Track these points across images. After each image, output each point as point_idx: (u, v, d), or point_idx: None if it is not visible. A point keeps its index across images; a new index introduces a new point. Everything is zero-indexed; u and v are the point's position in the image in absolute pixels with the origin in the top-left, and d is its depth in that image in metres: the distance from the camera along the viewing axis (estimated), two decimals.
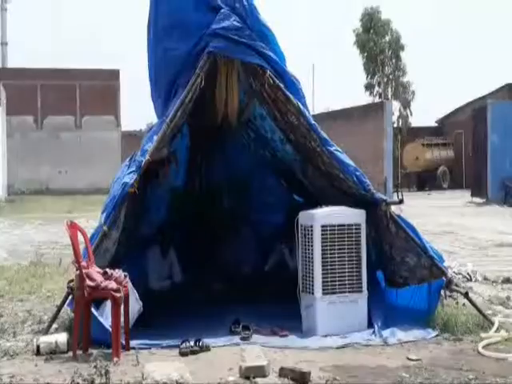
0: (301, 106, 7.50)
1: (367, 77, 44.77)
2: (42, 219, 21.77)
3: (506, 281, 9.94)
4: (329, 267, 7.15)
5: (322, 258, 7.14)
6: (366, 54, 44.15)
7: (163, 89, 7.73)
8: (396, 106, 42.10)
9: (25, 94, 41.03)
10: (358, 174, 7.52)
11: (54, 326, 7.00)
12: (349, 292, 7.22)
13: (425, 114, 63.77)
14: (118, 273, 6.69)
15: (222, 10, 7.32)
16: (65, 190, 38.07)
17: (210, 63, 7.38)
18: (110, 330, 6.37)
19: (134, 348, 6.49)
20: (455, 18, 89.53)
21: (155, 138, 7.30)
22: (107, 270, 6.66)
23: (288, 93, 7.44)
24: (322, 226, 7.17)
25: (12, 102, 37.16)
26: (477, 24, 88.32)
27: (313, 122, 7.56)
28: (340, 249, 7.21)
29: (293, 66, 7.75)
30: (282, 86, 7.41)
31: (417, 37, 75.36)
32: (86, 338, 6.51)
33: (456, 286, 7.39)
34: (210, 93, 7.97)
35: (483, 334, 6.77)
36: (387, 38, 43.95)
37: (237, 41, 7.27)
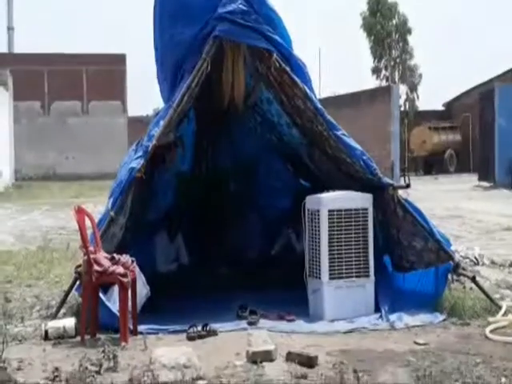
0: (307, 90, 7.47)
1: (374, 60, 44.65)
2: (50, 205, 21.83)
3: None
4: (336, 252, 7.15)
5: (329, 243, 7.14)
6: (372, 38, 43.97)
7: (169, 73, 7.72)
8: (403, 89, 42.00)
9: (32, 79, 40.99)
10: (364, 158, 7.51)
11: (62, 311, 7.03)
12: (356, 276, 7.22)
13: (432, 97, 63.56)
14: (126, 258, 6.71)
15: None
16: (72, 175, 38.14)
17: (216, 47, 7.35)
18: (118, 314, 6.40)
19: (141, 333, 6.50)
20: (462, 0, 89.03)
21: (162, 122, 7.30)
22: (114, 255, 6.68)
23: (294, 76, 7.42)
24: (329, 211, 7.16)
25: (19, 88, 37.13)
26: (483, 7, 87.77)
27: (319, 105, 7.54)
28: (347, 233, 7.20)
29: (299, 50, 7.73)
30: (288, 69, 7.39)
31: (424, 20, 74.98)
32: (94, 322, 6.54)
33: (463, 269, 7.39)
34: (216, 77, 7.95)
35: (490, 318, 6.77)
36: (394, 22, 43.74)
37: (243, 24, 7.24)
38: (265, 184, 10.29)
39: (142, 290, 6.98)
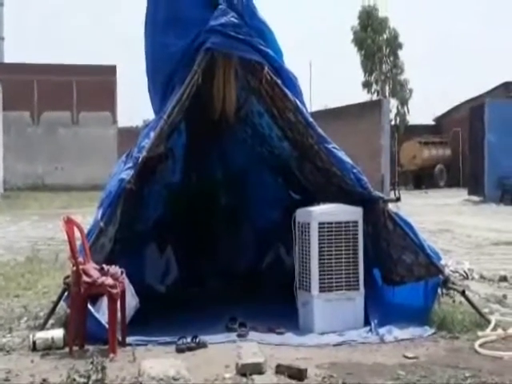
0: (298, 103, 7.49)
1: (365, 74, 44.81)
2: (38, 215, 21.76)
3: (503, 279, 9.95)
4: (326, 265, 7.15)
5: (319, 256, 7.14)
6: (363, 52, 44.17)
7: (160, 85, 7.72)
8: (394, 103, 42.18)
9: (21, 89, 40.94)
10: (355, 171, 7.52)
11: (51, 321, 6.98)
12: (346, 289, 7.21)
13: (422, 112, 63.86)
14: (115, 269, 6.68)
15: (220, 6, 7.30)
16: (61, 185, 38.04)
17: (208, 60, 7.36)
18: (107, 326, 6.36)
19: (130, 344, 6.47)
20: (452, 16, 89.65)
21: (152, 134, 7.29)
22: (103, 266, 6.66)
23: (286, 89, 7.44)
24: (320, 223, 7.16)
25: (8, 98, 37.04)
26: (473, 22, 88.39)
27: (310, 119, 7.56)
28: (337, 246, 7.20)
29: (290, 63, 7.75)
30: (279, 82, 7.41)
31: (415, 35, 75.41)
32: (82, 333, 6.50)
33: (453, 284, 7.40)
34: (207, 89, 7.95)
35: (480, 333, 6.77)
36: (385, 36, 43.98)
37: (234, 37, 7.25)
38: (255, 196, 10.29)
39: (131, 301, 6.94)
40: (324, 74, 68.41)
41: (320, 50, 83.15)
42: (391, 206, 7.61)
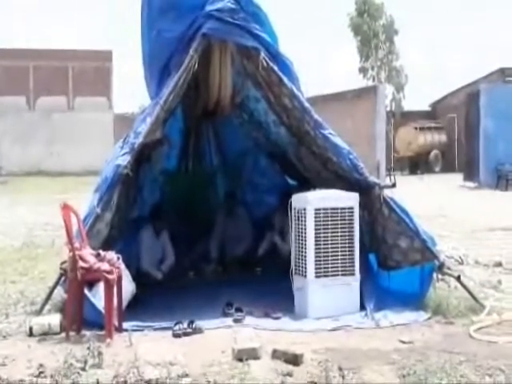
0: (294, 89, 7.49)
1: (361, 60, 44.72)
2: (35, 201, 21.72)
3: (498, 264, 9.97)
4: (322, 250, 7.17)
5: (315, 241, 7.15)
6: (359, 38, 44.06)
7: (157, 70, 7.70)
8: (390, 89, 42.12)
9: (17, 74, 40.78)
10: (351, 157, 7.53)
11: (47, 307, 7.01)
12: (341, 275, 7.24)
13: (418, 97, 63.75)
14: (111, 254, 6.70)
15: None
16: (57, 171, 37.94)
17: (204, 45, 7.34)
18: (103, 311, 6.38)
19: (126, 329, 6.49)
20: (448, 2, 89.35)
21: (148, 119, 7.28)
22: (100, 251, 6.67)
23: (282, 75, 7.42)
24: (316, 209, 7.17)
25: (4, 83, 36.92)
26: (469, 8, 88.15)
27: (306, 104, 7.55)
28: (333, 232, 7.22)
29: (287, 48, 7.74)
30: (275, 68, 7.39)
31: (410, 21, 75.14)
32: (79, 319, 6.52)
33: (448, 269, 7.43)
34: (203, 75, 7.94)
35: (475, 318, 6.81)
36: (381, 22, 43.86)
37: (231, 23, 7.23)
38: (252, 182, 10.32)
39: (128, 286, 6.97)
40: (321, 60, 68.11)
41: (317, 36, 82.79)
42: (386, 192, 7.62)
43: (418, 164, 38.33)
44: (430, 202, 19.25)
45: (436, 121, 40.32)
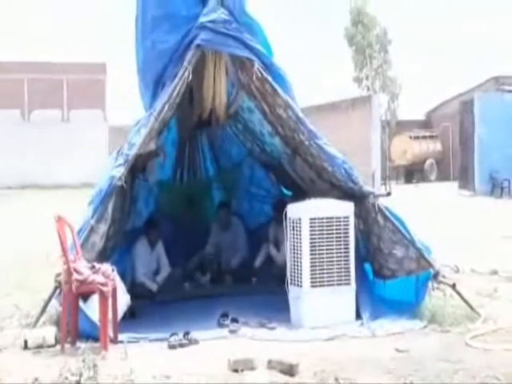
0: (289, 99, 7.50)
1: (355, 69, 44.84)
2: (29, 213, 21.66)
3: (494, 273, 9.98)
4: (317, 260, 7.17)
5: (311, 251, 7.16)
6: (354, 48, 44.22)
7: (151, 81, 7.70)
8: (384, 98, 42.20)
9: (12, 87, 40.79)
10: (346, 166, 7.54)
11: (42, 319, 6.97)
12: (337, 284, 7.24)
13: (413, 107, 63.75)
14: (106, 266, 6.68)
15: (210, 3, 7.29)
16: (52, 184, 37.87)
17: (198, 56, 7.36)
18: (98, 323, 6.36)
19: (122, 341, 6.48)
20: (442, 11, 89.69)
21: (143, 131, 7.27)
22: (95, 263, 6.66)
23: (276, 85, 7.44)
24: (311, 219, 7.18)
25: None
26: (463, 17, 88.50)
27: (301, 114, 7.56)
28: (328, 241, 7.22)
29: (280, 58, 7.74)
30: (269, 78, 7.41)
31: (404, 31, 75.34)
32: (74, 331, 6.50)
33: (443, 277, 7.43)
34: (197, 86, 7.95)
35: (471, 326, 6.80)
36: (375, 32, 44.01)
37: (225, 33, 7.25)
38: (247, 192, 10.31)
39: (123, 298, 6.94)
40: (314, 70, 68.19)
41: (311, 45, 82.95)
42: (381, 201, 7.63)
43: (413, 173, 38.37)
44: (425, 211, 19.25)
45: (431, 130, 40.38)
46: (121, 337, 6.57)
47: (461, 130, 29.30)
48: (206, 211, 10.47)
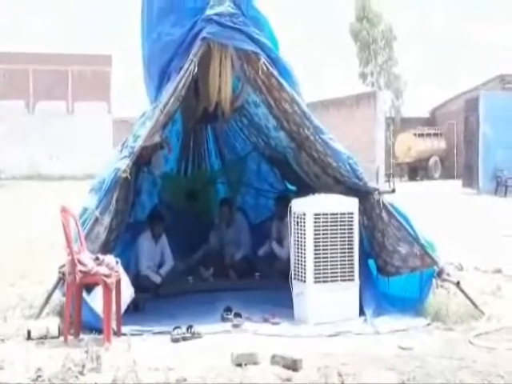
0: (294, 94, 7.47)
1: (360, 65, 44.77)
2: (33, 203, 21.69)
3: (497, 271, 9.96)
4: (321, 255, 7.15)
5: (315, 246, 7.14)
6: (358, 44, 44.15)
7: (156, 73, 7.68)
8: (388, 95, 42.14)
9: (17, 78, 40.80)
10: (351, 162, 7.52)
11: (46, 311, 6.96)
12: (341, 280, 7.22)
13: (417, 104, 63.69)
14: (110, 258, 6.68)
15: None
16: (56, 175, 37.93)
17: (204, 49, 7.33)
18: (101, 315, 6.36)
19: (125, 334, 6.47)
20: (447, 9, 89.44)
21: (148, 123, 7.27)
22: (99, 255, 6.65)
23: (282, 80, 7.41)
24: (315, 214, 7.16)
25: (3, 87, 36.91)
26: (468, 15, 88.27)
27: (307, 109, 7.53)
28: (332, 237, 7.21)
29: (287, 52, 7.71)
30: (275, 73, 7.38)
31: (409, 28, 75.17)
32: (78, 323, 6.50)
33: (448, 275, 7.40)
34: (203, 79, 7.92)
35: (474, 324, 6.79)
36: (380, 28, 43.92)
37: (231, 27, 7.23)
38: (251, 187, 10.29)
39: (126, 290, 6.93)
40: (320, 65, 68.10)
41: (316, 41, 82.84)
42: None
43: (417, 170, 38.35)
44: (429, 208, 19.22)
45: (435, 127, 40.32)
46: (124, 329, 6.56)
47: (465, 128, 29.23)
48: (209, 205, 10.47)
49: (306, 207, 7.24)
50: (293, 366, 5.52)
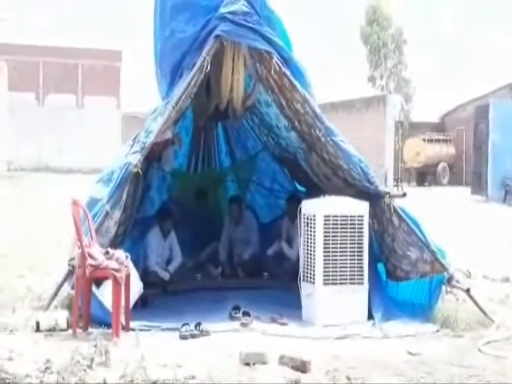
0: (307, 95, 7.45)
1: (370, 69, 44.69)
2: (41, 196, 21.69)
3: (505, 280, 9.92)
4: (330, 257, 7.14)
5: (324, 248, 7.12)
6: (368, 47, 44.08)
7: (169, 70, 7.67)
8: (398, 99, 42.03)
9: (27, 70, 40.85)
10: (362, 165, 7.49)
11: (54, 303, 6.95)
12: (350, 283, 7.21)
13: (426, 109, 63.48)
14: (120, 253, 6.67)
15: None
16: (65, 168, 37.93)
17: (217, 47, 7.32)
18: (110, 309, 6.35)
19: (133, 329, 6.46)
20: (459, 16, 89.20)
21: (160, 119, 7.26)
22: (109, 249, 6.64)
23: (294, 80, 7.39)
24: (325, 216, 7.14)
25: (14, 79, 36.93)
26: (479, 23, 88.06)
27: (318, 110, 7.51)
28: (342, 239, 7.19)
29: (299, 55, 7.69)
30: (288, 73, 7.36)
31: (420, 32, 75.01)
32: (86, 316, 6.49)
33: (457, 282, 7.36)
34: (215, 76, 7.91)
35: (484, 332, 6.75)
36: (390, 32, 43.84)
37: (244, 25, 7.22)
38: (261, 185, 10.28)
39: (135, 286, 6.93)
40: (330, 68, 67.95)
41: (327, 44, 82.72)
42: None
43: (425, 176, 38.23)
44: (437, 215, 19.16)
45: (445, 133, 40.23)
46: (133, 324, 6.55)
47: (475, 135, 29.15)
48: (219, 203, 10.46)
49: (317, 209, 7.22)
50: (301, 367, 5.50)
